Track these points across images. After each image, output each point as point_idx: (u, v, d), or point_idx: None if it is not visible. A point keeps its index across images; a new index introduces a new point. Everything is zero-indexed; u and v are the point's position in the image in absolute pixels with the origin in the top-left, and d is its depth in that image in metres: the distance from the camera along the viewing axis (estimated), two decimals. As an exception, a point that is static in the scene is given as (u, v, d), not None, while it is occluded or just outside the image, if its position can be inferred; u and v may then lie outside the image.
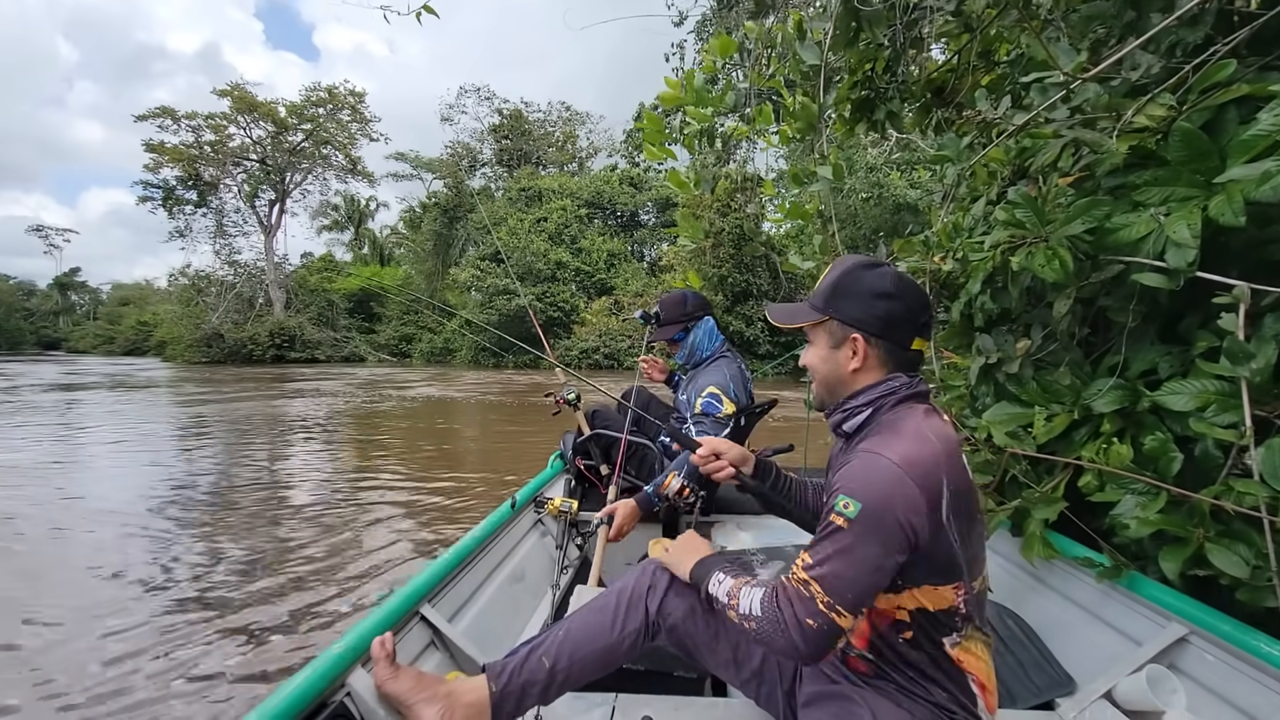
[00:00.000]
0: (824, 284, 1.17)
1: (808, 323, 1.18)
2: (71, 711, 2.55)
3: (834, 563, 0.96)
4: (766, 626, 1.01)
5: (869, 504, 0.95)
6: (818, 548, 1.00)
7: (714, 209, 21.57)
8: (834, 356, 1.15)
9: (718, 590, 1.13)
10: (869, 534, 0.95)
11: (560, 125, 42.56)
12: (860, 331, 1.11)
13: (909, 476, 0.96)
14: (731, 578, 1.13)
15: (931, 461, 0.99)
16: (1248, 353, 1.29)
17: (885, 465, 0.97)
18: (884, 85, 2.74)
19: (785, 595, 1.00)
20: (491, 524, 2.09)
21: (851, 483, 0.98)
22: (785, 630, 0.98)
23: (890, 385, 1.11)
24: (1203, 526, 1.36)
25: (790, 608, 0.99)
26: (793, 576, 1.01)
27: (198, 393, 16.57)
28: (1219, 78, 1.44)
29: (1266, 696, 1.17)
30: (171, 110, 33.56)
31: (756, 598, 1.05)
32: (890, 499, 0.95)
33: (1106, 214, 1.56)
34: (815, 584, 0.97)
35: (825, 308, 1.15)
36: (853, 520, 0.95)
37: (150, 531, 4.79)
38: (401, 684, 1.21)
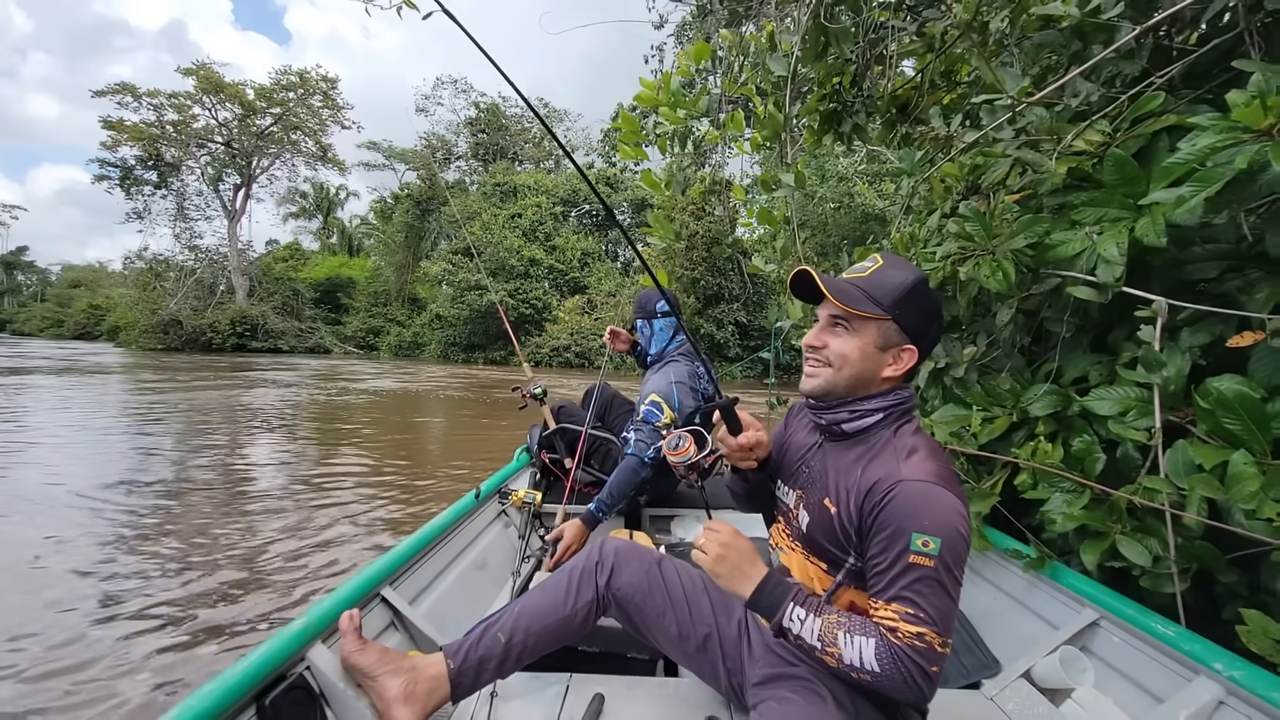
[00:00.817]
0: (892, 281, 1.11)
1: (867, 313, 1.10)
2: (17, 690, 2.50)
3: (936, 605, 0.96)
4: (891, 684, 0.97)
5: (946, 535, 0.96)
6: (913, 595, 0.97)
7: (688, 212, 21.72)
8: (878, 357, 1.12)
9: (802, 630, 1.05)
10: (954, 563, 0.97)
11: (537, 122, 42.27)
12: (916, 345, 1.11)
13: (956, 495, 1.00)
14: (814, 615, 1.05)
15: (955, 475, 1.05)
16: (1160, 361, 1.41)
17: (941, 493, 0.99)
18: (851, 99, 2.85)
19: (906, 655, 0.96)
20: (455, 512, 2.12)
21: (919, 519, 0.97)
22: (915, 685, 0.96)
23: (902, 395, 1.13)
24: (1120, 522, 1.47)
25: (915, 664, 0.95)
26: (902, 633, 0.97)
27: (154, 380, 16.04)
28: (1149, 108, 1.56)
29: (1163, 674, 1.28)
30: (132, 87, 32.32)
31: (869, 650, 0.98)
32: (957, 521, 0.98)
33: (1047, 230, 1.67)
34: (929, 633, 0.95)
35: (891, 308, 1.09)
36: (938, 557, 0.96)
37: (98, 521, 4.66)
38: (368, 656, 1.26)
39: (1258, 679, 1.11)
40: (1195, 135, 1.31)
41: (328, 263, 41.67)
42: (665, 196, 19.86)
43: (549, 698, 1.39)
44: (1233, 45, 1.63)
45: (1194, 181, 1.27)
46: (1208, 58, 1.69)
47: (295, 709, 1.16)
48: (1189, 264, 1.53)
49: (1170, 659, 1.28)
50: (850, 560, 1.09)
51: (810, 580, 1.17)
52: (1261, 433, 1.23)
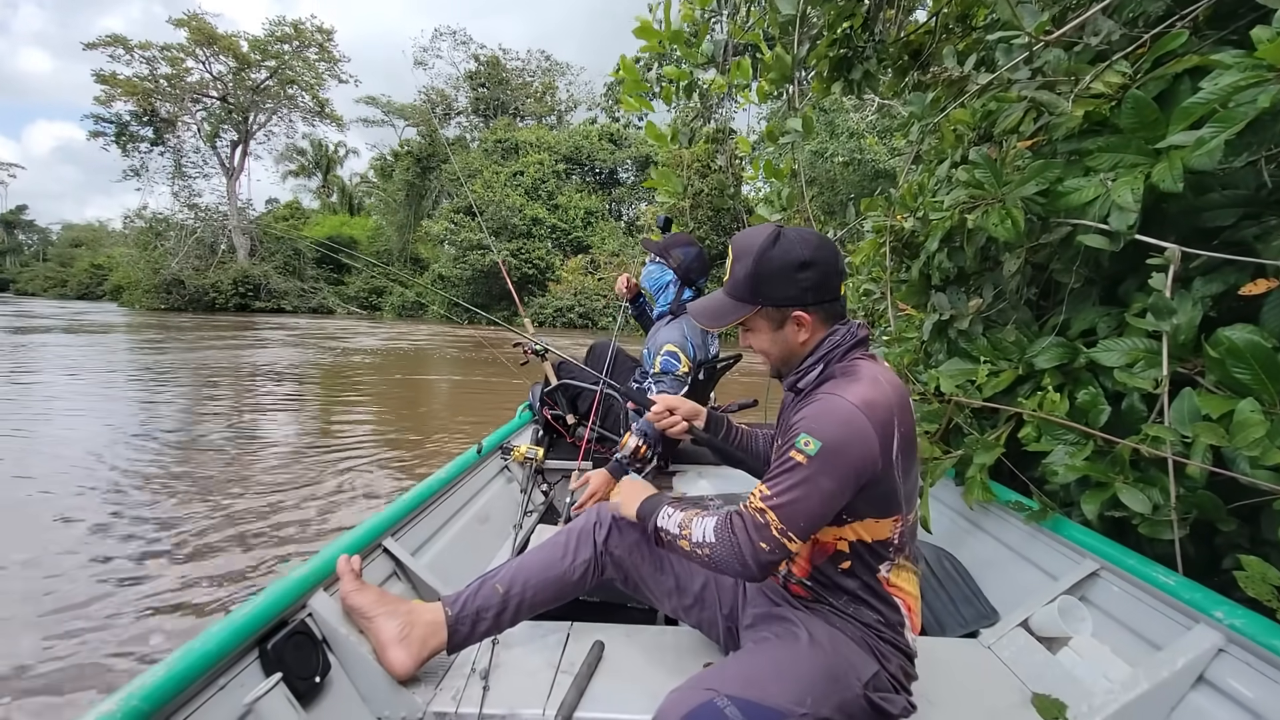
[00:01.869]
0: (739, 274, 1.15)
1: (742, 318, 1.17)
2: (26, 636, 2.58)
3: (791, 494, 1.01)
4: (720, 550, 1.06)
5: (829, 442, 1.00)
6: (775, 481, 1.04)
7: (693, 169, 21.33)
8: (781, 336, 1.16)
9: (667, 523, 1.18)
10: (827, 470, 1.00)
11: (539, 75, 41.21)
12: (798, 307, 1.13)
13: (867, 418, 1.01)
14: (680, 511, 1.18)
15: (885, 405, 1.05)
16: (1171, 309, 1.38)
17: (846, 406, 1.02)
18: (862, 44, 2.74)
19: (740, 521, 1.06)
20: (457, 466, 2.13)
21: (813, 422, 1.02)
22: (739, 553, 1.04)
23: (834, 340, 1.14)
24: (1122, 472, 1.47)
25: (745, 533, 1.04)
26: (749, 505, 1.06)
27: (160, 339, 16.11)
28: (1172, 46, 1.49)
29: (1162, 621, 1.29)
30: (123, 39, 31.47)
31: (710, 525, 1.10)
32: (849, 438, 1.00)
33: (1059, 177, 1.62)
34: (771, 513, 1.02)
35: (754, 298, 1.14)
36: (812, 457, 1.00)
37: (108, 476, 4.74)
38: (366, 597, 1.28)
39: (1258, 626, 1.11)
40: (1217, 74, 1.25)
41: (328, 222, 41.27)
42: (670, 150, 19.43)
43: (549, 645, 1.42)
44: (1263, -20, 1.55)
45: (1215, 122, 1.22)
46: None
47: (297, 653, 1.18)
48: (1205, 211, 1.48)
49: (1170, 607, 1.28)
50: None
51: None
52: (1272, 382, 1.21)
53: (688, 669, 1.33)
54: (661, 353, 2.39)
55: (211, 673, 1.02)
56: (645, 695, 1.24)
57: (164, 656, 0.97)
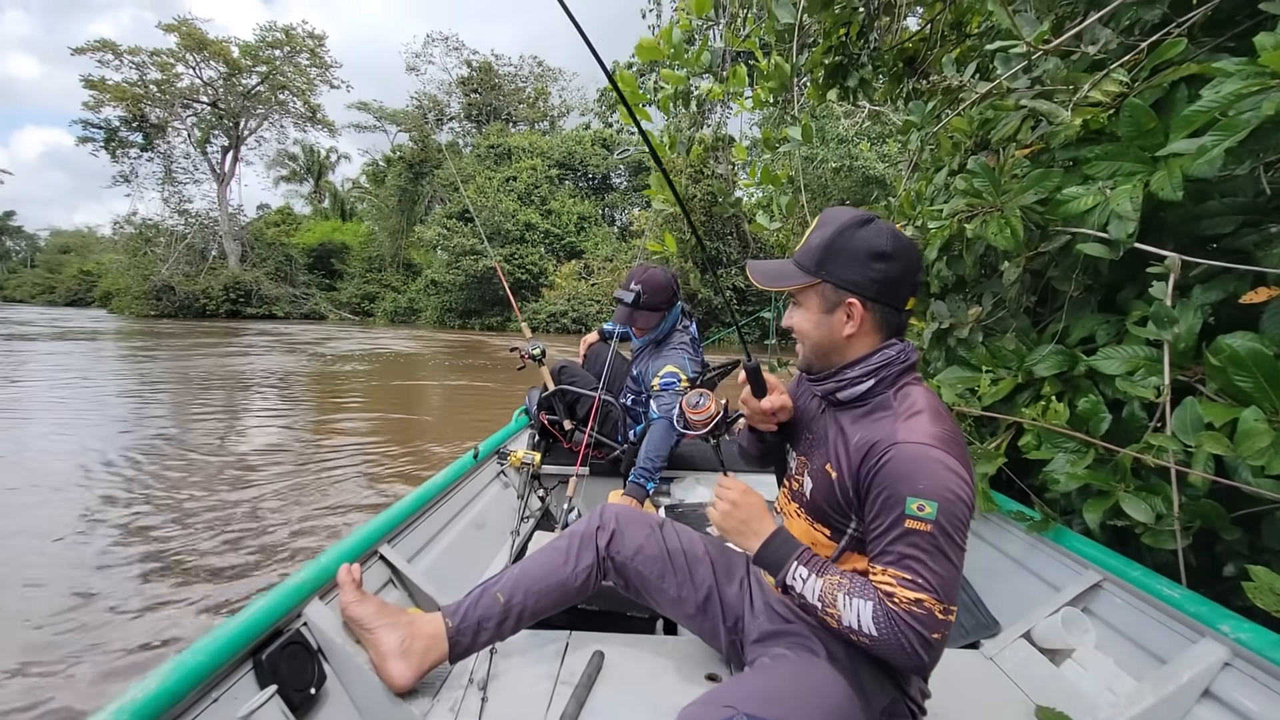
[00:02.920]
0: (814, 242, 1.08)
1: (798, 285, 1.09)
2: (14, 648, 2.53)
3: (935, 570, 0.93)
4: (888, 649, 0.95)
5: (942, 499, 0.93)
6: (909, 561, 0.94)
7: (686, 175, 21.38)
8: (827, 321, 1.08)
9: (802, 588, 1.05)
10: (953, 528, 0.94)
11: (532, 81, 41.24)
12: (857, 296, 1.05)
13: (956, 458, 0.96)
14: (816, 575, 1.04)
15: (958, 437, 1.01)
16: (1172, 317, 1.38)
17: (938, 455, 0.95)
18: (857, 51, 2.75)
19: (904, 620, 0.93)
20: (454, 472, 2.11)
21: (914, 483, 0.94)
22: (915, 652, 0.93)
23: (888, 354, 1.07)
24: (1123, 481, 1.47)
25: (913, 630, 0.93)
26: (899, 600, 0.94)
27: (148, 346, 15.96)
28: (1170, 55, 1.50)
29: (1166, 635, 1.29)
30: (112, 44, 31.24)
31: (866, 614, 0.96)
32: (956, 485, 0.94)
33: (1057, 186, 1.62)
34: (928, 599, 0.93)
35: (817, 270, 1.07)
36: (934, 521, 0.93)
37: (97, 485, 4.67)
38: (366, 608, 1.25)
39: (1265, 640, 1.10)
40: (1219, 82, 1.26)
41: (320, 227, 41.07)
42: (666, 158, 19.51)
43: (549, 654, 1.40)
44: (1258, -10, 1.56)
45: (1217, 130, 1.23)
46: (1230, 3, 1.62)
47: (292, 664, 1.16)
48: (1204, 219, 1.49)
49: (1175, 620, 1.27)
50: (852, 526, 1.08)
51: (814, 547, 1.16)
52: (1274, 390, 1.21)
53: (690, 679, 1.32)
54: (661, 374, 2.40)
55: (204, 685, 1.00)
56: (647, 706, 1.22)
57: (155, 669, 0.94)
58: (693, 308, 17.55)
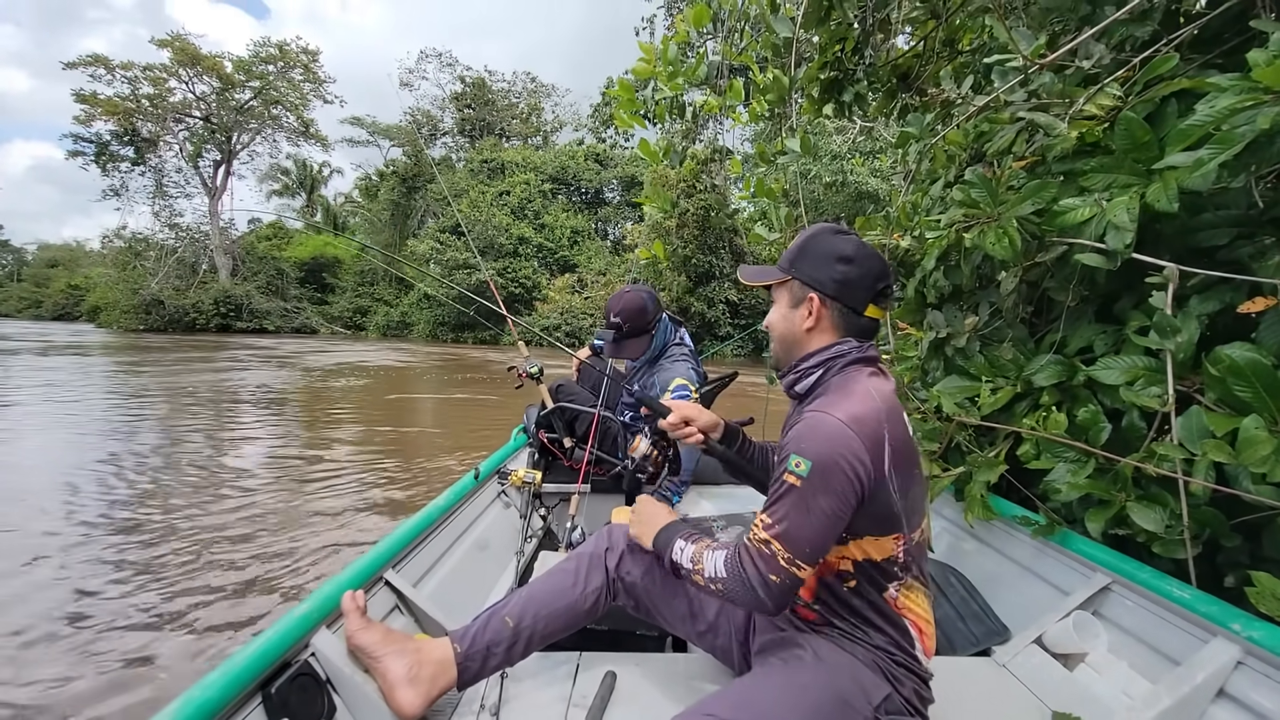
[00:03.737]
0: (792, 246, 1.22)
1: (773, 281, 1.22)
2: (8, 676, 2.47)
3: (790, 520, 1.01)
4: (733, 585, 1.05)
5: (818, 460, 1.00)
6: (773, 508, 1.04)
7: (679, 189, 21.53)
8: (792, 315, 1.20)
9: (681, 557, 1.16)
10: (821, 488, 1.00)
11: (525, 97, 41.59)
12: (816, 292, 1.16)
13: (854, 432, 1.01)
14: (692, 544, 1.16)
15: (874, 417, 1.04)
16: (1174, 327, 1.39)
17: (832, 423, 1.02)
18: (852, 67, 2.79)
19: (748, 555, 1.05)
20: (455, 494, 2.09)
21: (801, 442, 1.02)
22: (751, 588, 1.03)
23: (840, 349, 1.15)
24: (1124, 490, 1.47)
25: (754, 566, 1.03)
26: (753, 537, 1.05)
27: (134, 361, 15.80)
28: (1162, 70, 1.53)
29: (1178, 635, 1.29)
30: (105, 59, 31.26)
31: (719, 560, 1.08)
32: (837, 453, 1.00)
33: (1054, 197, 1.64)
34: (775, 542, 1.01)
35: (789, 268, 1.19)
36: (804, 477, 1.00)
37: (86, 509, 4.60)
38: (372, 635, 1.23)
39: (1276, 638, 1.11)
40: (1214, 96, 1.28)
41: (312, 241, 41.01)
42: (661, 167, 19.63)
43: (560, 677, 1.38)
44: (1244, 8, 1.60)
45: (1213, 144, 1.25)
46: (1218, 21, 1.66)
47: (301, 696, 1.14)
48: (1199, 231, 1.51)
49: (1186, 621, 1.28)
50: None
51: None
52: (1273, 400, 1.22)
53: (701, 697, 1.30)
54: (673, 386, 2.40)
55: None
56: None
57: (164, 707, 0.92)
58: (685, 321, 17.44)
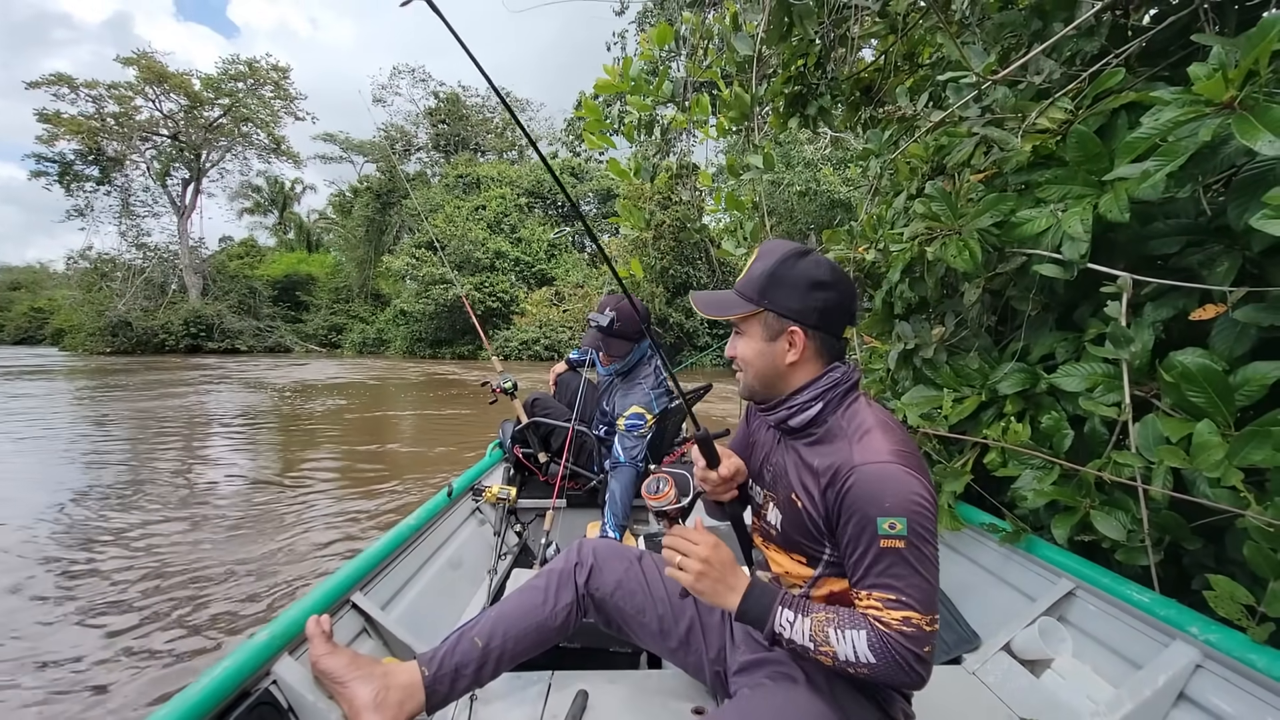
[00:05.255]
0: (756, 272, 1.11)
1: (741, 314, 1.11)
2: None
3: (915, 585, 0.95)
4: (887, 672, 0.95)
5: (909, 512, 0.94)
6: (890, 580, 0.95)
7: (654, 201, 21.65)
8: (770, 349, 1.10)
9: (793, 633, 1.02)
10: (924, 539, 0.95)
11: (499, 111, 41.57)
12: (798, 324, 1.07)
13: (912, 470, 0.98)
14: (801, 615, 1.02)
15: (910, 447, 1.03)
16: (1128, 337, 1.42)
17: (894, 470, 0.97)
18: (815, 81, 2.83)
19: (895, 637, 0.94)
20: (427, 512, 2.05)
21: (883, 501, 0.95)
22: (911, 669, 0.94)
23: (834, 377, 1.09)
24: (1089, 497, 1.49)
25: (905, 648, 0.94)
26: (887, 620, 0.95)
27: (94, 385, 15.37)
28: (1110, 84, 1.57)
29: (1139, 640, 1.31)
30: (69, 78, 30.57)
31: (861, 643, 0.96)
32: (915, 498, 0.96)
33: (1012, 209, 1.67)
34: (913, 614, 0.94)
35: (760, 299, 1.09)
36: (906, 536, 0.94)
37: (48, 535, 4.44)
38: (337, 660, 1.19)
39: (1233, 641, 1.13)
40: (1158, 110, 1.31)
41: (285, 259, 40.42)
42: (632, 184, 19.77)
43: (531, 697, 1.35)
44: (1188, 23, 1.66)
45: (1158, 156, 1.28)
46: (1163, 35, 1.71)
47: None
48: (1151, 239, 1.54)
49: (1146, 625, 1.30)
50: (827, 552, 1.08)
51: (789, 576, 1.16)
52: (1224, 404, 1.25)
53: (676, 714, 1.29)
54: (628, 414, 2.43)
55: None
56: None
57: None
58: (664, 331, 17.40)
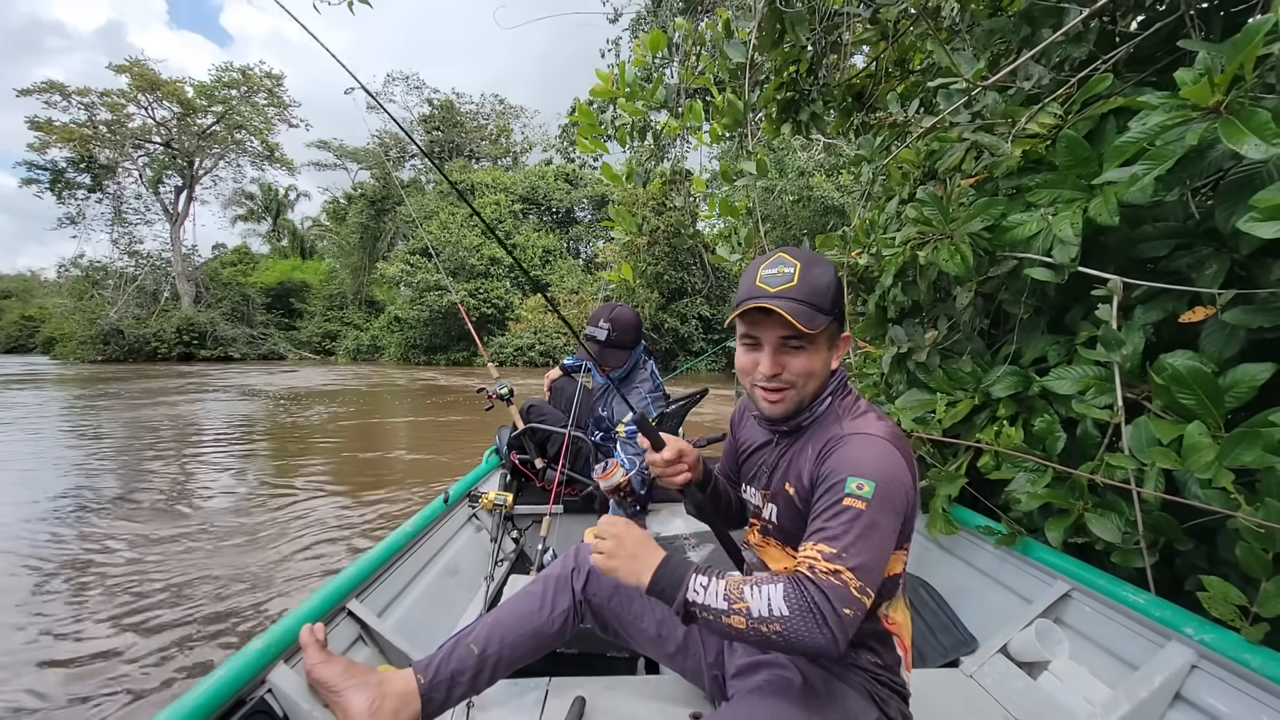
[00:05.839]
0: (823, 283, 1.06)
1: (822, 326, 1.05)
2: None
3: (860, 545, 0.92)
4: (798, 625, 0.89)
5: (882, 479, 0.96)
6: (836, 535, 0.94)
7: (649, 207, 21.71)
8: (828, 358, 1.11)
9: (706, 596, 0.96)
10: (886, 509, 0.96)
11: (494, 118, 41.67)
12: (847, 328, 1.12)
13: (899, 450, 1.02)
14: (718, 578, 0.98)
15: (900, 434, 1.06)
16: (1119, 340, 1.43)
17: (880, 443, 1.01)
18: (807, 87, 2.85)
19: (815, 588, 0.90)
20: (424, 519, 2.04)
21: (858, 464, 0.98)
22: (823, 624, 0.88)
23: (841, 373, 1.15)
24: (1082, 499, 1.50)
25: (825, 601, 0.89)
26: (818, 568, 0.92)
27: (87, 395, 15.26)
28: (1099, 89, 1.58)
29: (1135, 641, 1.31)
30: (60, 85, 30.44)
31: (777, 595, 0.92)
32: (895, 470, 0.99)
33: (1003, 213, 1.69)
34: (847, 571, 0.91)
35: (833, 309, 1.07)
36: (870, 499, 0.95)
37: (39, 544, 4.39)
38: (332, 669, 1.19)
39: (1228, 642, 1.13)
40: (1145, 114, 1.32)
41: (279, 266, 40.31)
42: (626, 189, 19.83)
43: (528, 704, 1.35)
44: (1174, 29, 1.68)
45: (1146, 160, 1.29)
46: (1150, 41, 1.73)
47: None
48: (1140, 243, 1.56)
49: (1142, 626, 1.30)
50: None
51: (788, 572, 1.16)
52: (1214, 406, 1.26)
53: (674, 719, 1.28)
54: (626, 420, 2.41)
55: None
56: None
57: None
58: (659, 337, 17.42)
